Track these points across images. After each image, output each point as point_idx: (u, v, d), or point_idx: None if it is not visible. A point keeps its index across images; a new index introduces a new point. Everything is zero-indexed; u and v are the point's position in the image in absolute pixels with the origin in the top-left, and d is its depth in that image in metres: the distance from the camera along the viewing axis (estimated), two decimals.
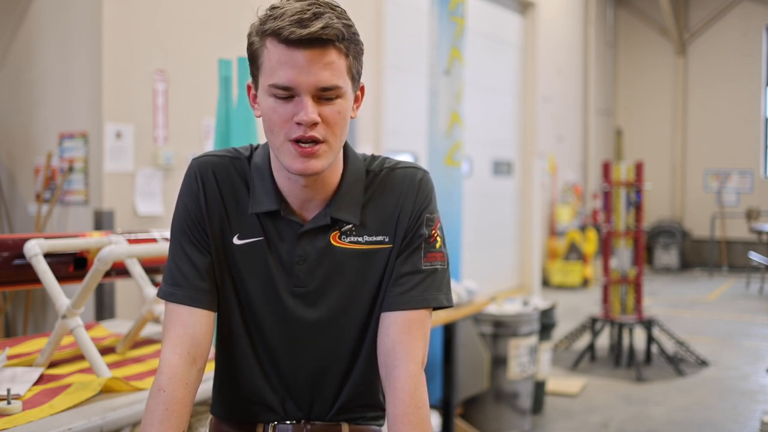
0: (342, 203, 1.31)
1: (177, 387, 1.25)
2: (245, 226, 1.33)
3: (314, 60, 1.17)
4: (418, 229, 1.33)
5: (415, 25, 7.14)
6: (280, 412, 1.37)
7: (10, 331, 4.63)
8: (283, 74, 1.18)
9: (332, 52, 1.19)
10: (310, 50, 1.17)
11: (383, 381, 1.31)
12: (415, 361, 1.27)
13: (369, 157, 1.39)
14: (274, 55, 1.19)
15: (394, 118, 7.03)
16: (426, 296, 1.31)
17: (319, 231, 1.32)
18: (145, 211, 4.41)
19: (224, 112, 2.97)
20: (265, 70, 1.21)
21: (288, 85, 1.19)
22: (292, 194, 1.31)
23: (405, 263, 1.32)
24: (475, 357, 4.14)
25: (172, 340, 1.28)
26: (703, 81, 12.82)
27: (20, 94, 4.65)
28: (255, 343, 1.36)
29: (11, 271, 1.91)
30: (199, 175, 1.33)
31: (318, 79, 1.18)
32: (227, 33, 4.89)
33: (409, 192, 1.34)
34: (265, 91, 1.22)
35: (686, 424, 4.59)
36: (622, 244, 6.06)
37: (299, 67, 1.17)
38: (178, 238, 1.33)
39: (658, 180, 12.67)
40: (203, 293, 1.30)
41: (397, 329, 1.29)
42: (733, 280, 11.37)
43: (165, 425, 1.22)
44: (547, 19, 10.52)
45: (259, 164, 1.33)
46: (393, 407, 1.25)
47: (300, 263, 1.31)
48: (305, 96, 1.19)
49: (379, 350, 1.31)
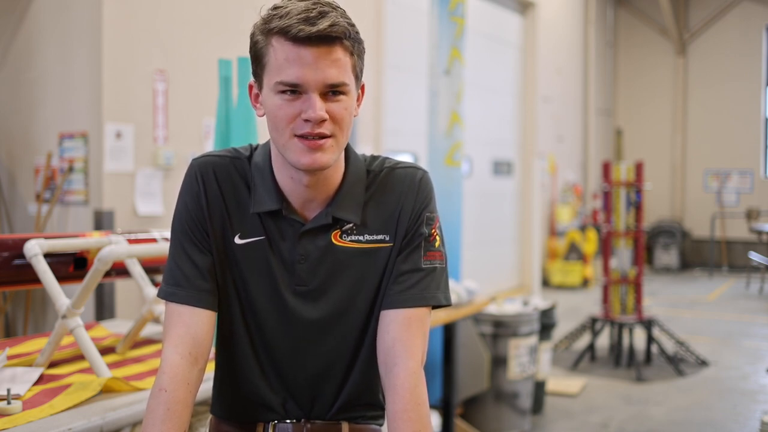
0: (343, 203, 1.32)
1: (178, 387, 1.25)
2: (246, 225, 1.33)
3: (322, 57, 1.19)
4: (419, 227, 1.35)
5: (415, 25, 7.14)
6: (280, 411, 1.37)
7: (10, 331, 4.63)
8: (291, 71, 1.19)
9: (339, 50, 1.20)
10: (318, 48, 1.18)
11: (383, 378, 1.31)
12: (414, 358, 1.28)
13: (369, 157, 1.40)
14: (281, 53, 1.19)
15: (394, 118, 7.03)
16: (425, 294, 1.32)
17: (321, 230, 1.32)
18: (145, 211, 4.41)
19: (224, 112, 2.97)
20: (271, 68, 1.22)
21: (296, 82, 1.19)
22: (294, 194, 1.31)
23: (405, 261, 1.33)
24: (475, 357, 4.14)
25: (173, 340, 1.28)
26: (703, 81, 12.82)
27: (20, 94, 4.65)
28: (255, 343, 1.36)
29: (11, 271, 1.91)
30: (200, 175, 1.33)
31: (326, 75, 1.19)
32: (227, 33, 4.89)
33: (410, 191, 1.35)
34: (271, 89, 1.22)
35: (686, 424, 4.59)
36: (622, 244, 6.06)
37: (307, 65, 1.19)
38: (179, 238, 1.33)
39: (658, 180, 12.67)
40: (205, 293, 1.31)
41: (397, 327, 1.30)
42: (733, 280, 11.37)
43: (167, 425, 1.22)
44: (547, 19, 10.52)
45: (260, 164, 1.34)
46: (393, 404, 1.26)
47: (301, 262, 1.32)
48: (313, 93, 1.20)
49: (379, 348, 1.32)
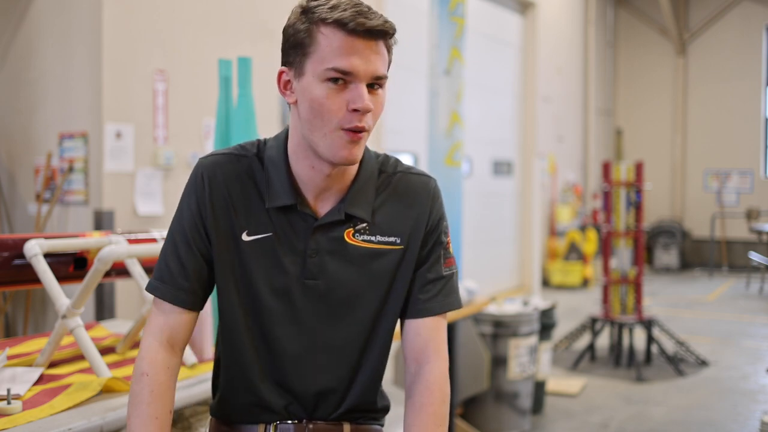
0: (355, 199, 1.34)
1: (159, 371, 1.31)
2: (254, 222, 1.34)
3: (372, 49, 1.24)
4: (439, 236, 1.40)
5: (415, 25, 7.14)
6: (282, 413, 1.36)
7: (10, 331, 4.63)
8: (346, 60, 1.22)
9: (383, 45, 1.26)
10: (369, 41, 1.23)
11: (411, 375, 1.38)
12: (445, 360, 1.39)
13: (382, 156, 1.43)
14: (335, 41, 1.22)
15: (394, 118, 7.03)
16: (450, 300, 1.41)
17: (334, 225, 1.34)
18: (145, 211, 4.41)
19: (224, 112, 2.97)
20: (320, 55, 1.23)
21: (350, 70, 1.22)
22: (311, 184, 1.33)
23: (430, 271, 1.40)
24: (475, 357, 4.14)
25: (152, 329, 1.35)
26: (703, 81, 12.82)
27: (20, 94, 4.65)
28: (257, 344, 1.36)
29: (11, 271, 1.91)
30: (205, 175, 1.35)
31: (375, 67, 1.24)
32: (227, 33, 4.89)
33: (426, 200, 1.40)
34: (317, 77, 1.24)
35: (686, 424, 4.59)
36: (622, 244, 6.06)
37: (360, 54, 1.22)
38: (174, 236, 1.36)
39: (658, 180, 12.68)
40: (183, 292, 1.34)
41: (428, 331, 1.38)
42: (733, 280, 11.37)
43: (152, 407, 1.27)
44: (547, 19, 10.52)
45: (274, 157, 1.35)
46: (422, 397, 1.34)
47: (312, 256, 1.33)
48: (361, 84, 1.23)
49: (410, 349, 1.39)
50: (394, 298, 1.37)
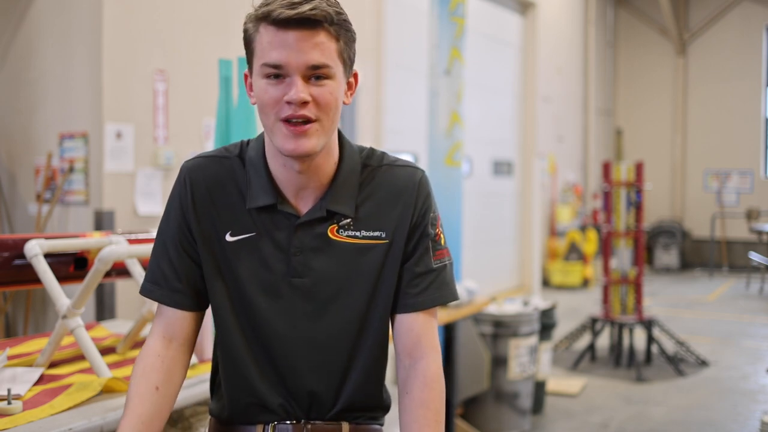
0: (336, 195, 1.34)
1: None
2: (237, 222, 1.34)
3: (304, 40, 1.21)
4: (425, 229, 1.38)
5: (415, 25, 7.14)
6: (279, 412, 1.36)
7: (11, 331, 4.63)
8: (274, 53, 1.22)
9: (321, 34, 1.23)
10: (300, 31, 1.21)
11: (406, 370, 1.36)
12: (438, 352, 1.38)
13: (368, 150, 1.42)
14: (266, 36, 1.23)
15: (394, 118, 7.03)
16: (441, 293, 1.39)
17: (316, 223, 1.34)
18: (145, 211, 4.41)
19: (224, 112, 2.97)
20: (258, 52, 1.25)
21: (278, 63, 1.22)
22: (288, 182, 1.33)
23: (418, 264, 1.37)
24: (475, 357, 4.14)
25: (151, 331, 1.39)
26: (703, 81, 12.82)
27: (20, 94, 4.65)
28: (251, 344, 1.36)
29: (11, 271, 1.91)
30: (188, 178, 1.36)
31: (307, 57, 1.22)
32: (227, 33, 4.89)
33: (411, 192, 1.37)
34: (257, 74, 1.26)
35: (686, 424, 4.59)
36: (622, 244, 6.06)
37: (289, 47, 1.21)
38: (163, 239, 1.38)
39: (658, 180, 12.67)
40: (178, 294, 1.36)
41: (419, 326, 1.37)
42: (733, 280, 11.37)
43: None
44: (547, 19, 10.52)
45: (254, 158, 1.35)
46: (422, 393, 1.34)
47: (297, 254, 1.33)
48: (295, 75, 1.22)
49: (402, 344, 1.38)
50: (383, 294, 1.36)
